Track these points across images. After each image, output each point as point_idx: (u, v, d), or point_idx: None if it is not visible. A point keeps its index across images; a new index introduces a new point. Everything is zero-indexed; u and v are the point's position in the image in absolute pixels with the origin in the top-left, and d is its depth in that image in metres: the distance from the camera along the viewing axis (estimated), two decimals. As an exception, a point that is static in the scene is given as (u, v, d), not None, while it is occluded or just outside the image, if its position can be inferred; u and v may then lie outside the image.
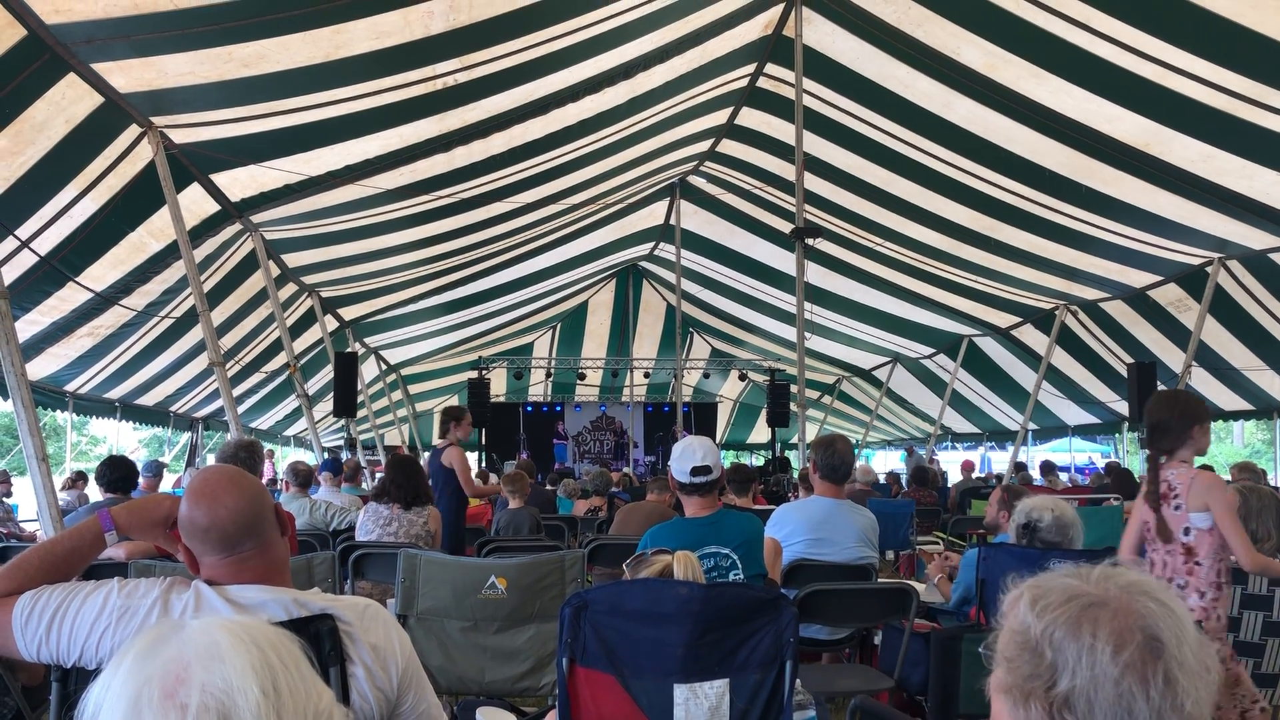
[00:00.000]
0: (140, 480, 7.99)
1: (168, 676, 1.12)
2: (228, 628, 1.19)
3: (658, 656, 2.57)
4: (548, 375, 24.03)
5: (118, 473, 6.23)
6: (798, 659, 2.62)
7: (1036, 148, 9.57)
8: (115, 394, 12.44)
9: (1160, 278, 11.91)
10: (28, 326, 8.86)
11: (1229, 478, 11.11)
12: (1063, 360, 15.40)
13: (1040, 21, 7.75)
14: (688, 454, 3.80)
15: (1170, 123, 8.36)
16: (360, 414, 16.08)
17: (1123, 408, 14.65)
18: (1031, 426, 17.82)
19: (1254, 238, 9.90)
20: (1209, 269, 11.03)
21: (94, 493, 9.46)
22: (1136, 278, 12.17)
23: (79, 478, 12.52)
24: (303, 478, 7.61)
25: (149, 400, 13.45)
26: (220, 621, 1.22)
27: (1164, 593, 1.20)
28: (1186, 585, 3.36)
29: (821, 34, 9.57)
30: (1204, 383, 13.47)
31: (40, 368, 10.17)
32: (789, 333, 17.96)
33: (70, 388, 11.30)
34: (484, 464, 20.72)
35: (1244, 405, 14.02)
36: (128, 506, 2.18)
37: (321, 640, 1.95)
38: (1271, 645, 3.71)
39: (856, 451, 7.83)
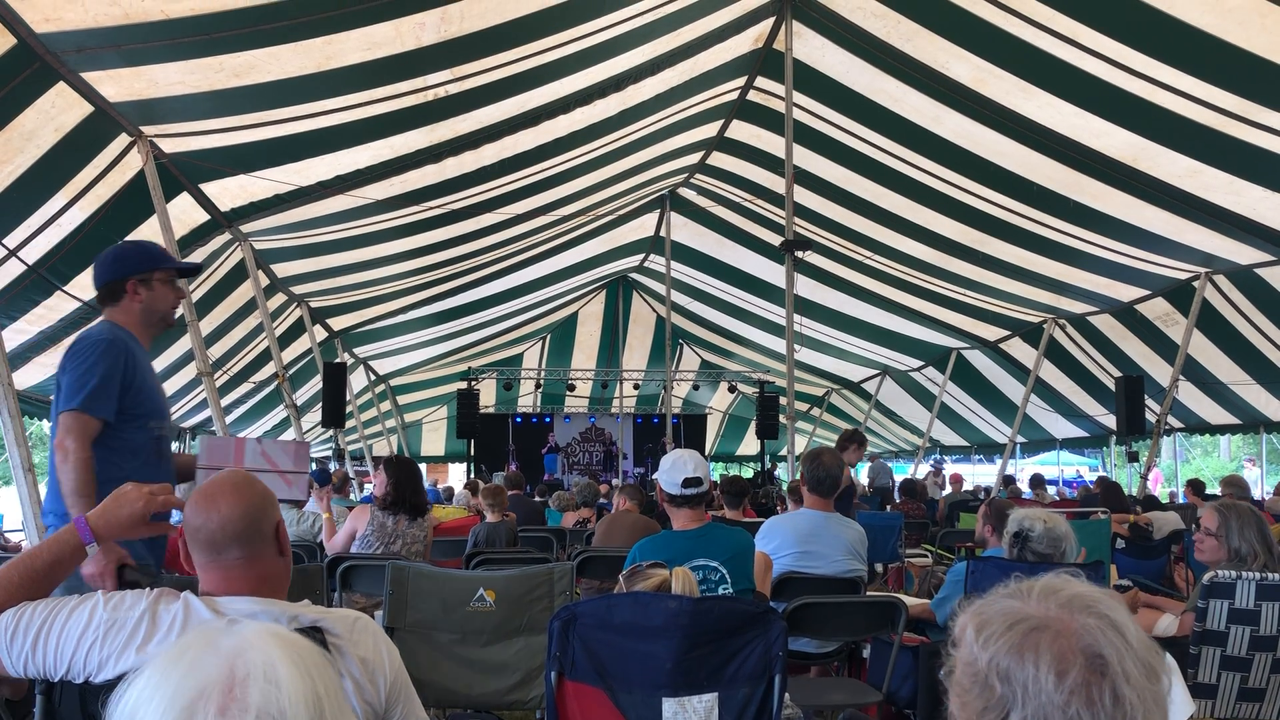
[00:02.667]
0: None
1: (224, 689, 1.13)
2: (280, 641, 1.19)
3: (646, 670, 2.56)
4: (537, 386, 24.01)
5: (104, 483, 6.20)
6: (786, 673, 2.62)
7: (1025, 162, 9.63)
8: (102, 403, 12.36)
9: (1148, 292, 11.97)
10: (15, 335, 8.81)
11: (1217, 491, 11.17)
12: (1051, 374, 15.46)
13: (1029, 37, 7.80)
14: (679, 466, 3.80)
15: (1158, 138, 8.42)
16: (349, 424, 16.04)
17: (1110, 421, 14.70)
18: (1020, 440, 17.88)
19: (1240, 253, 9.96)
20: (1196, 284, 11.09)
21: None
22: (1124, 292, 12.24)
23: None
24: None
25: (136, 410, 13.37)
26: (272, 631, 1.22)
27: (1105, 604, 1.18)
28: None
29: (811, 48, 9.62)
30: (1191, 397, 13.54)
31: (27, 377, 10.10)
32: (778, 345, 17.98)
33: (57, 397, 11.23)
34: (472, 475, 20.68)
35: (1230, 419, 14.08)
36: (100, 512, 2.18)
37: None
38: (1259, 660, 3.72)
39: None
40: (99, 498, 2.42)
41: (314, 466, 11.63)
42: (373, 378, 20.09)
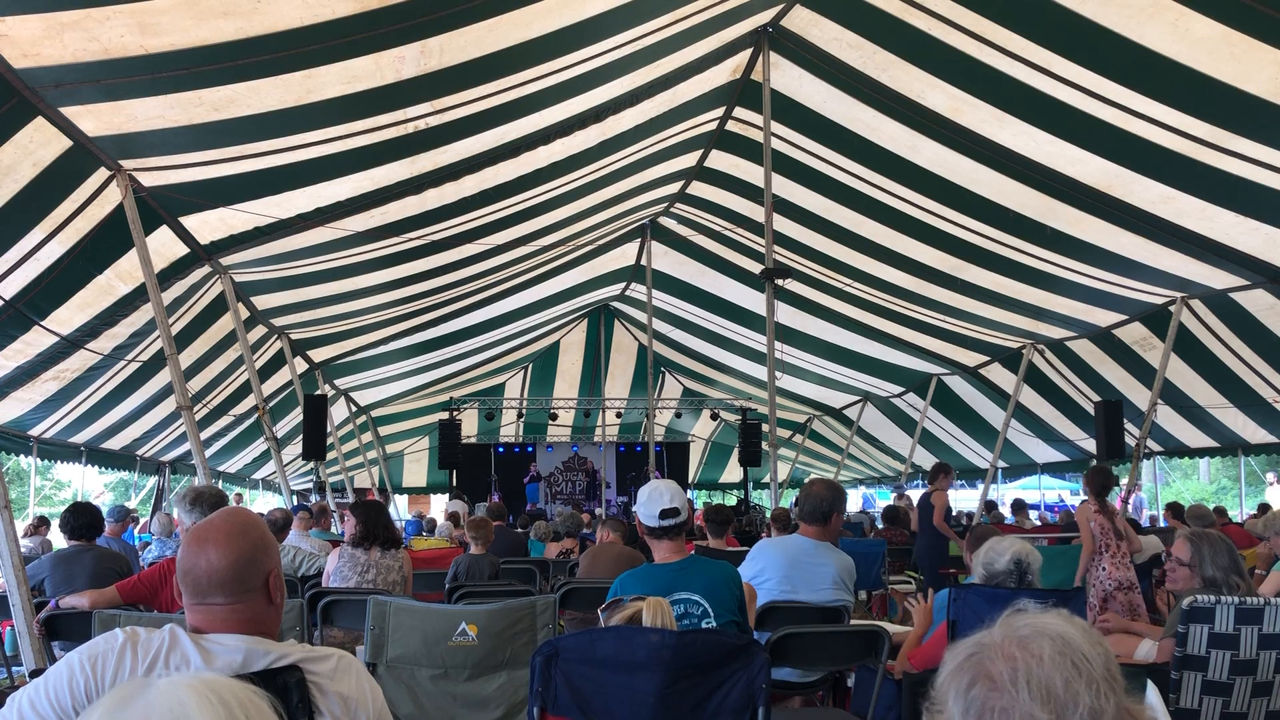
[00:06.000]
0: (105, 526, 7.87)
1: None
2: (195, 686, 1.19)
3: (629, 705, 2.55)
4: (519, 416, 23.96)
5: (82, 520, 6.15)
6: (770, 705, 2.62)
7: (1001, 189, 9.72)
8: (81, 438, 12.28)
9: (1125, 317, 12.07)
10: (-8, 370, 8.76)
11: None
12: (1031, 399, 15.53)
13: (1003, 67, 7.90)
14: (655, 497, 3.79)
15: (1131, 165, 8.51)
16: (330, 456, 15.95)
17: (1091, 445, 14.77)
18: (1001, 465, 17.93)
19: (1215, 277, 10.06)
20: (1172, 308, 11.18)
21: (57, 539, 9.33)
22: (1101, 317, 12.33)
23: (41, 523, 12.32)
24: (279, 525, 7.45)
25: (115, 444, 13.29)
26: (188, 679, 1.22)
27: (1039, 638, 1.23)
28: None
29: (789, 78, 9.70)
30: (1170, 420, 13.62)
31: (3, 412, 10.04)
32: (760, 372, 18.03)
33: (35, 432, 11.15)
34: (450, 498, 20.58)
35: (1209, 442, 14.17)
36: None
37: (289, 692, 1.96)
38: (1240, 684, 3.73)
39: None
40: None
41: (295, 500, 11.57)
42: (354, 409, 20.01)
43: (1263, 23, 6.38)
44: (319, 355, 15.22)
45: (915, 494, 22.03)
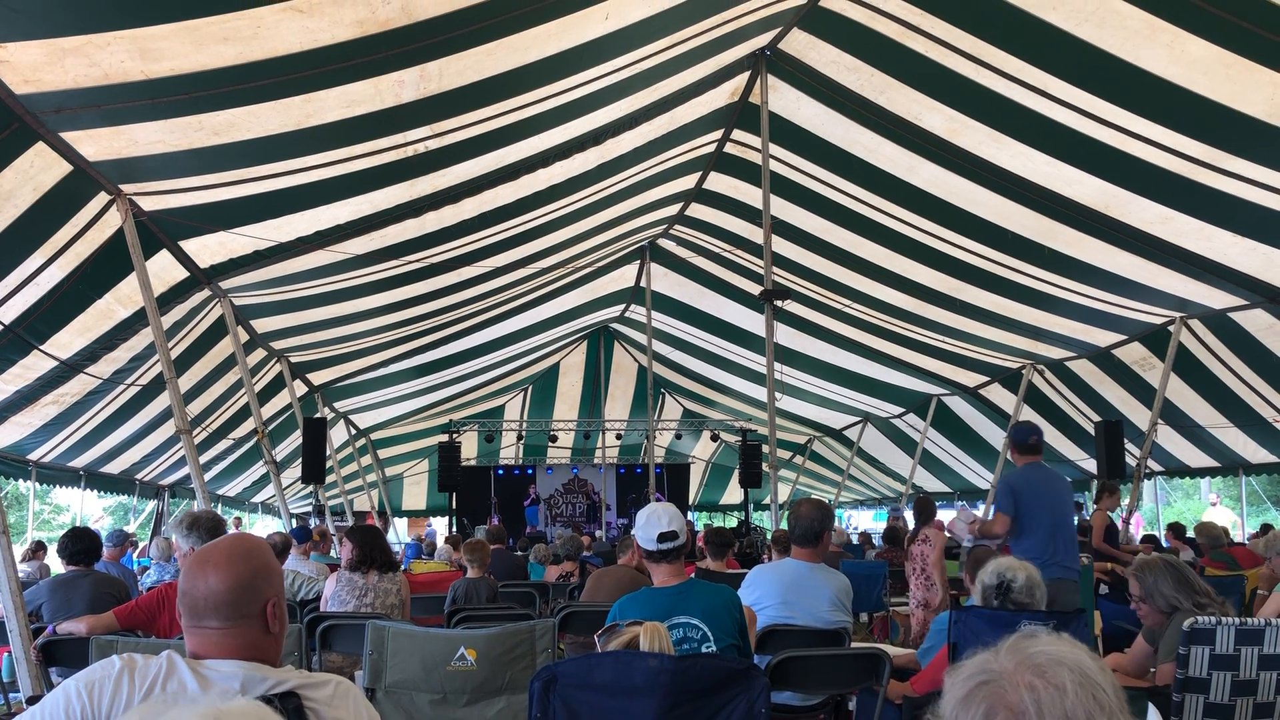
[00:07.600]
0: (104, 550, 7.85)
1: None
2: (217, 714, 1.19)
3: (629, 730, 2.54)
4: (519, 438, 23.94)
5: (80, 545, 6.14)
6: (770, 729, 2.60)
7: (999, 210, 9.74)
8: (80, 462, 12.25)
9: (1124, 337, 12.07)
10: (-9, 394, 8.75)
11: (1192, 534, 11.20)
12: (1031, 419, 15.49)
13: (1000, 88, 7.93)
14: (653, 521, 3.78)
15: (1129, 186, 8.54)
16: (329, 479, 15.91)
17: (1091, 466, 14.74)
18: (1002, 485, 17.86)
19: (1214, 297, 10.08)
20: (1171, 328, 11.19)
21: (55, 564, 9.30)
22: (1101, 337, 12.33)
23: (39, 548, 12.28)
24: (278, 549, 7.44)
25: (114, 468, 13.26)
26: (205, 709, 1.21)
27: (1060, 665, 1.22)
28: None
29: (787, 100, 9.75)
30: (1170, 440, 13.60)
31: (2, 436, 10.02)
32: (760, 393, 18.03)
33: (33, 456, 11.13)
34: (454, 529, 20.54)
35: (1210, 462, 14.14)
36: None
37: (287, 719, 1.95)
38: (1241, 705, 3.71)
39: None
40: None
41: (294, 524, 11.54)
42: (353, 432, 19.98)
43: (1258, 44, 6.42)
44: (318, 378, 15.21)
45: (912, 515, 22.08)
